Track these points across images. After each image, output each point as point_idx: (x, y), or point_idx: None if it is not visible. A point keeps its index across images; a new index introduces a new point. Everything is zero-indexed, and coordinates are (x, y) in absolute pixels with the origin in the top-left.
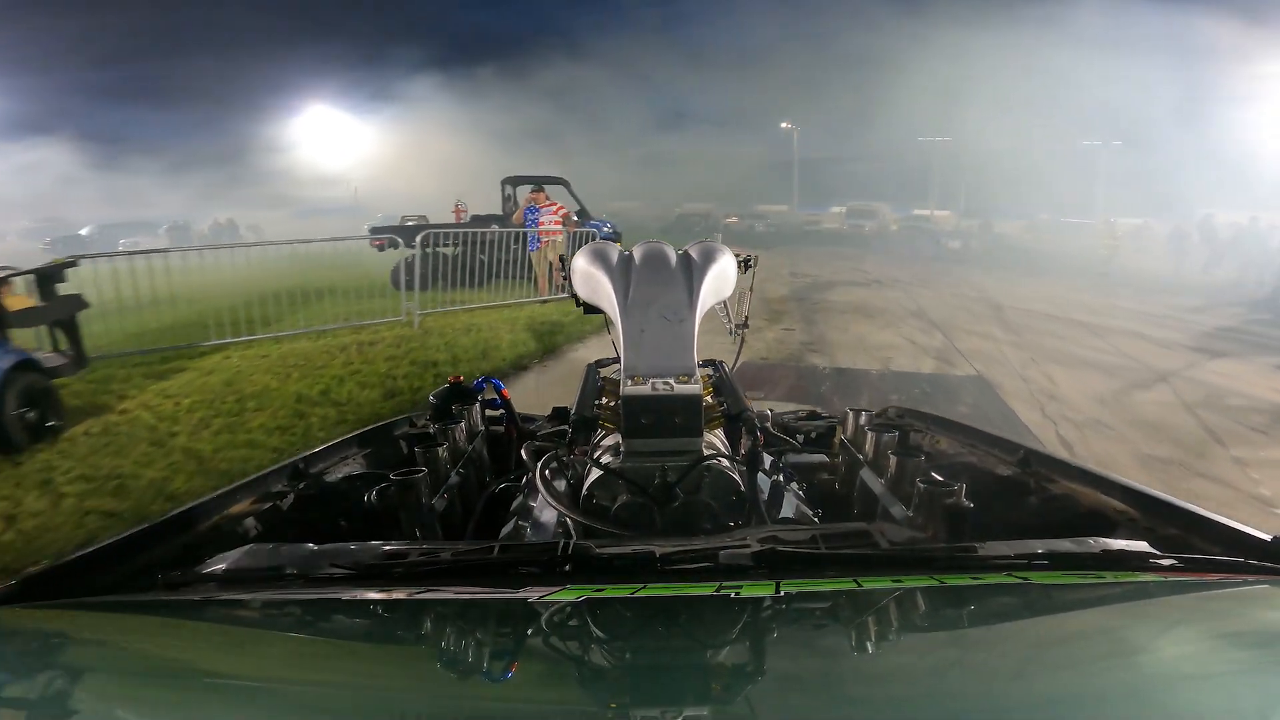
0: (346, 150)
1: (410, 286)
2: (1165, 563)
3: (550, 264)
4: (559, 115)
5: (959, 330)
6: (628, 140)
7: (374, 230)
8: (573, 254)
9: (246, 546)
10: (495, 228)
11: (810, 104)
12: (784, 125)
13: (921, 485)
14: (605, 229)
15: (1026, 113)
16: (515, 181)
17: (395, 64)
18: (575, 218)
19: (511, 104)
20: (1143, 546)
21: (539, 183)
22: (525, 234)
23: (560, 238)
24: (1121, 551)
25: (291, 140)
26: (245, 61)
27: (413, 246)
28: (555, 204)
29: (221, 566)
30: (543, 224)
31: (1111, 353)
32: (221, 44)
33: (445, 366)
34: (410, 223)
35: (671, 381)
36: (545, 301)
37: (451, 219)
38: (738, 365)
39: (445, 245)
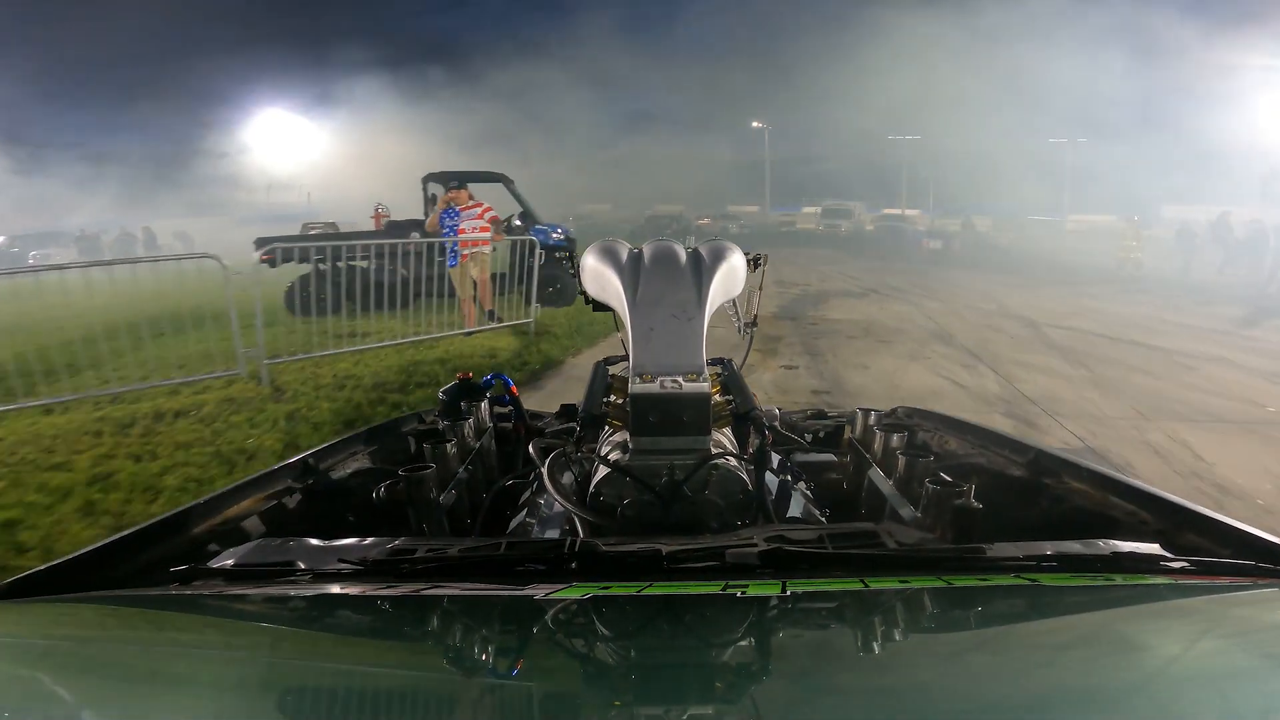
0: (299, 154)
1: (306, 311)
2: (1176, 565)
3: (476, 282)
4: (522, 118)
5: (1008, 363)
6: (598, 143)
7: (260, 242)
8: (518, 265)
9: (256, 541)
10: (416, 236)
11: (780, 103)
12: (755, 124)
13: (930, 485)
14: (555, 234)
15: (991, 109)
16: (440, 179)
17: (348, 66)
18: (518, 222)
19: (470, 106)
20: (1154, 549)
21: (464, 179)
22: (447, 244)
23: (488, 249)
24: (1132, 554)
25: (241, 144)
26: (193, 63)
27: (314, 260)
28: (481, 205)
29: (230, 561)
30: (463, 230)
31: (1221, 393)
32: (169, 45)
33: (261, 463)
34: (315, 230)
35: (680, 379)
36: (471, 334)
37: (371, 225)
38: (745, 363)
39: (360, 258)
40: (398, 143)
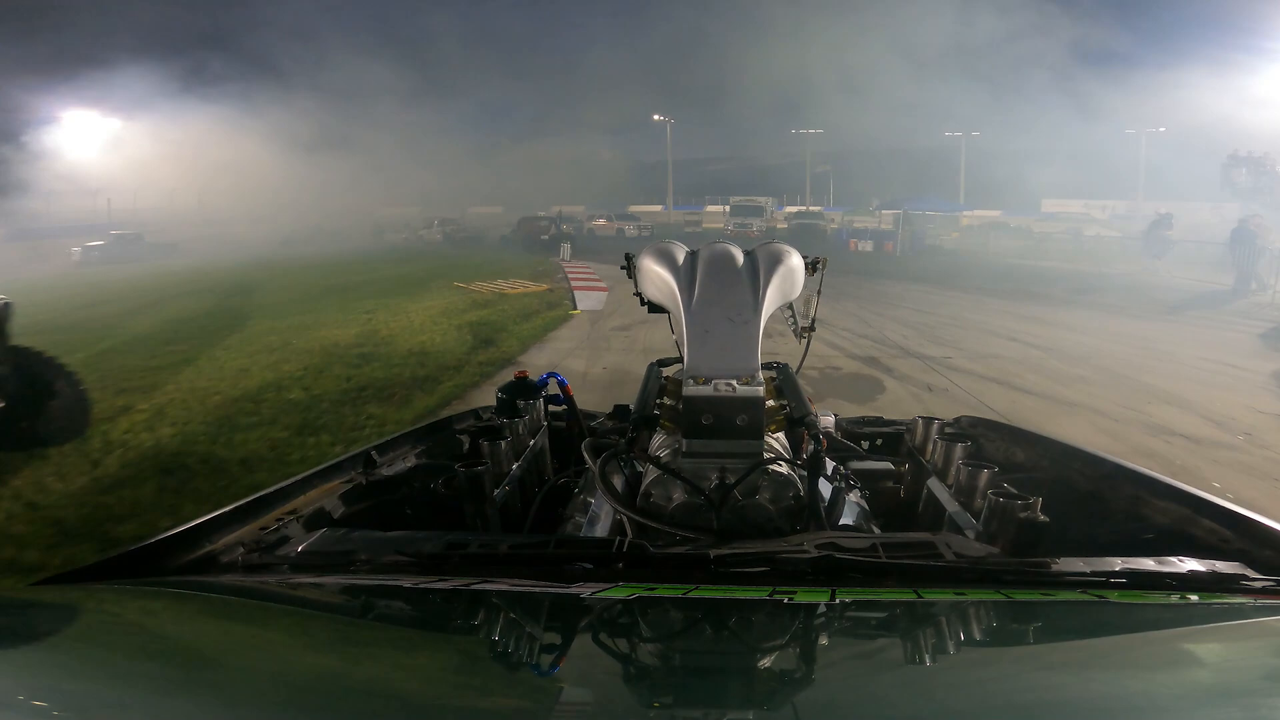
0: (101, 160)
1: None
2: (1259, 585)
3: None
4: (370, 119)
5: None
6: (488, 145)
7: None
8: None
9: (321, 531)
10: None
11: (684, 101)
12: (656, 117)
13: (994, 497)
14: None
15: (891, 104)
16: None
17: (156, 65)
18: None
19: (316, 110)
20: (1236, 567)
21: None
22: None
23: None
24: (1212, 572)
25: (37, 149)
26: None
27: None
28: None
29: (297, 550)
30: None
31: None
32: None
33: None
34: None
35: (734, 383)
36: None
37: None
38: (802, 367)
39: None
40: (231, 149)
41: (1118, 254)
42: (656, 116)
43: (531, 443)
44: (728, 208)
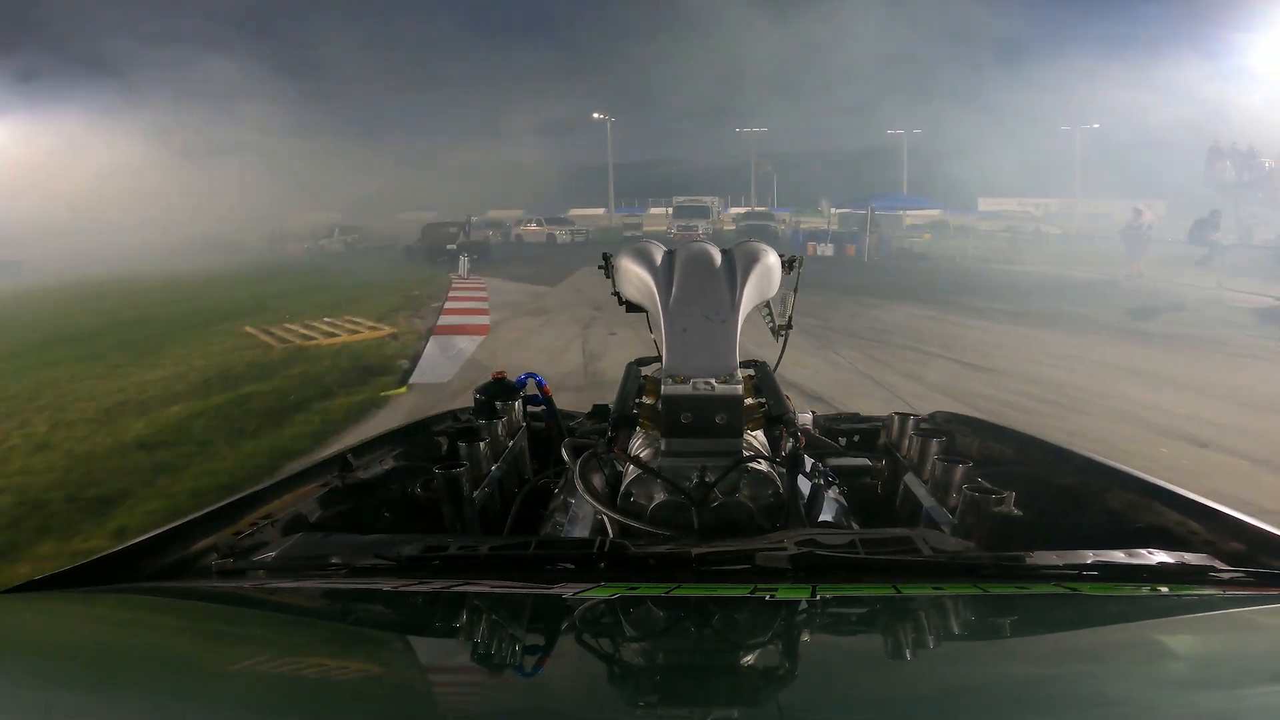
0: None
1: None
2: (1227, 576)
3: None
4: (278, 125)
5: None
6: (422, 147)
7: None
8: None
9: (297, 535)
10: None
11: (627, 103)
12: (595, 116)
13: (968, 492)
14: None
15: (832, 103)
16: None
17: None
18: None
19: (205, 113)
20: (1204, 559)
21: None
22: None
23: None
24: (1180, 564)
25: None
26: None
27: None
28: None
29: (271, 555)
30: None
31: None
32: None
33: None
34: None
35: (713, 381)
36: None
37: None
38: (779, 366)
39: None
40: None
41: (1103, 255)
42: (596, 115)
43: (510, 444)
44: (670, 209)
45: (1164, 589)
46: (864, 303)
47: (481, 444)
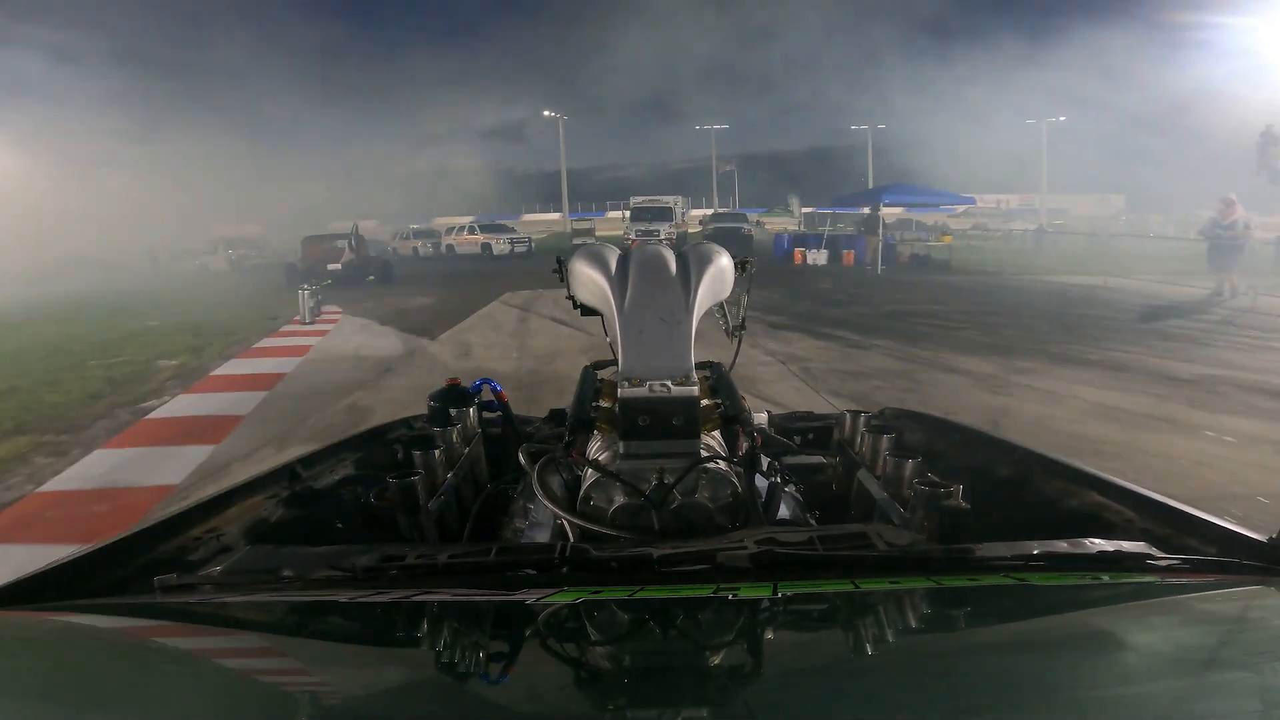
0: None
1: None
2: (1163, 563)
3: None
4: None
5: None
6: (382, 155)
7: None
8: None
9: (244, 549)
10: None
11: (582, 106)
12: (546, 114)
13: (918, 486)
14: None
15: (795, 98)
16: None
17: None
18: None
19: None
20: (1141, 547)
21: None
22: None
23: None
24: (1119, 552)
25: None
26: None
27: None
28: None
29: (218, 569)
30: None
31: None
32: None
33: None
34: None
35: (669, 383)
36: None
37: None
38: (735, 366)
39: None
40: None
41: (1103, 256)
42: (547, 113)
43: (466, 450)
44: (627, 212)
45: (1105, 577)
46: (914, 376)
47: (436, 451)
